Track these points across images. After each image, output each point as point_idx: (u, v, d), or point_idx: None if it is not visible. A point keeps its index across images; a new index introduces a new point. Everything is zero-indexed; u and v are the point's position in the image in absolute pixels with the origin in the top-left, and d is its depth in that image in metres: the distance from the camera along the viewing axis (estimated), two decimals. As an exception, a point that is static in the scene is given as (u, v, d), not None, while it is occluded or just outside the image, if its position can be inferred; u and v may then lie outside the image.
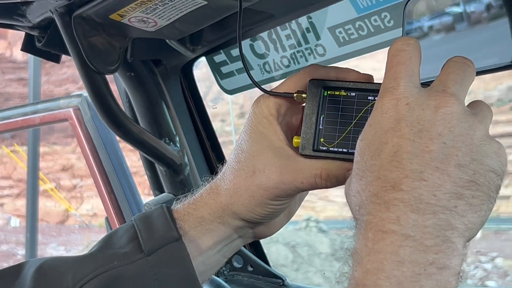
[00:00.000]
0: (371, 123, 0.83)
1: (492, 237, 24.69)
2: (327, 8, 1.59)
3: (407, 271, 0.74)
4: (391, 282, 0.74)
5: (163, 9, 1.42)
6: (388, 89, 0.83)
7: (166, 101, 1.82)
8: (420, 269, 0.74)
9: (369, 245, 0.77)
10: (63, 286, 0.99)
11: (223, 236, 1.03)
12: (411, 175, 0.77)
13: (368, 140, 0.83)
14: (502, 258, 20.93)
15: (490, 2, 1.13)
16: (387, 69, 0.85)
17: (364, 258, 0.77)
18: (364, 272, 0.76)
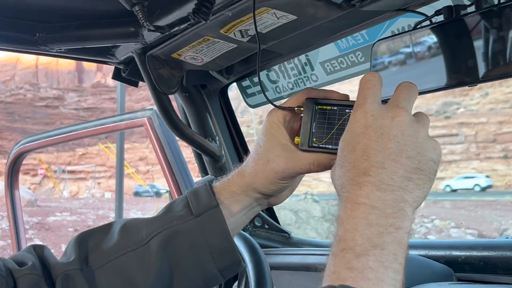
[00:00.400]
0: (348, 129, 0.85)
1: (432, 205, 24.61)
2: (319, 48, 1.59)
3: (374, 230, 0.75)
4: (363, 238, 0.75)
5: (207, 50, 1.42)
6: (359, 105, 0.85)
7: (209, 112, 1.82)
8: (383, 229, 0.75)
9: (348, 212, 0.78)
10: (139, 238, 1.00)
11: (247, 204, 1.03)
12: (376, 165, 0.79)
13: (346, 141, 0.84)
14: (439, 220, 20.89)
15: (430, 45, 1.12)
16: (359, 92, 0.87)
17: (344, 221, 0.78)
18: (344, 230, 0.77)
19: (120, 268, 0.98)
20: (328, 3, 1.15)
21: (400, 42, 1.16)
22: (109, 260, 0.99)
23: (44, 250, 1.02)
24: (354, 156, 0.82)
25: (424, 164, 0.81)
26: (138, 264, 0.98)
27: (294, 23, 1.22)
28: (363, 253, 0.73)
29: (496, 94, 57.53)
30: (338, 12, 1.18)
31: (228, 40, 1.34)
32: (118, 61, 1.66)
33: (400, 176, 0.79)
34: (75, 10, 1.44)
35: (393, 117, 0.82)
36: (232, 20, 1.24)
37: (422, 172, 0.80)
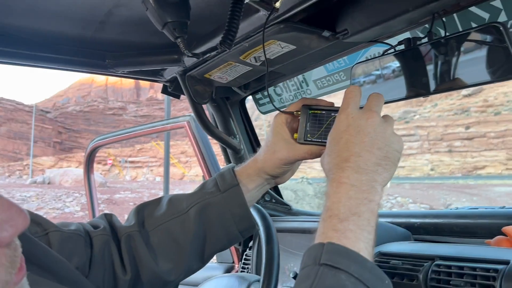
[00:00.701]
0: (334, 127, 0.85)
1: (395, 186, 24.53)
2: (312, 70, 1.59)
3: (353, 202, 0.76)
4: (345, 207, 0.75)
5: (230, 72, 1.42)
6: (343, 110, 0.85)
7: (232, 117, 1.82)
8: (359, 201, 0.76)
9: (334, 189, 0.78)
10: (181, 208, 1.00)
11: (259, 183, 1.03)
12: (354, 154, 0.79)
13: (333, 136, 0.84)
14: (400, 197, 20.81)
15: (394, 67, 1.11)
16: (344, 100, 0.87)
17: (331, 196, 0.78)
18: (331, 202, 0.77)
19: (167, 230, 0.98)
20: (319, 37, 1.14)
21: (372, 65, 1.16)
22: (159, 224, 0.99)
23: (112, 217, 1.02)
24: (338, 148, 0.82)
25: (391, 153, 0.81)
26: (180, 227, 0.98)
27: (294, 51, 1.22)
28: (345, 219, 0.74)
29: (443, 105, 57.54)
30: (327, 43, 1.18)
31: (245, 64, 1.34)
32: (166, 80, 1.66)
33: (372, 163, 0.79)
34: (134, 43, 1.44)
35: (367, 119, 0.82)
36: (248, 49, 1.24)
37: (389, 159, 0.81)
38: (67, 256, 0.83)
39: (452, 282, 0.96)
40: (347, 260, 0.69)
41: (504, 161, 44.20)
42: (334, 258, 0.69)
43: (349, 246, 0.72)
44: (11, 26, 1.30)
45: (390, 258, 1.11)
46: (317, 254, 0.70)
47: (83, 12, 1.23)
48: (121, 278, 0.94)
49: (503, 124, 47.09)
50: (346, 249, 0.70)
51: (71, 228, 0.94)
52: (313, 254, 0.71)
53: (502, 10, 1.13)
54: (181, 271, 1.00)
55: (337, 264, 0.68)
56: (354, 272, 0.68)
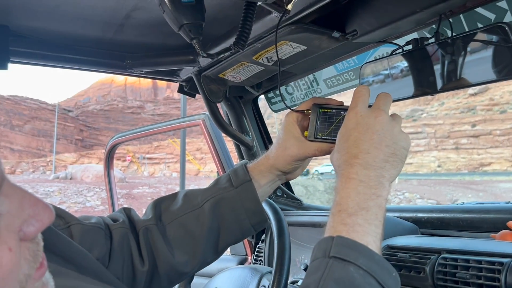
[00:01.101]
0: (344, 125, 0.84)
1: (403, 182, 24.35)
2: (323, 70, 1.58)
3: (361, 197, 0.75)
4: (353, 202, 0.75)
5: (243, 72, 1.42)
6: (352, 108, 0.84)
7: (245, 115, 1.81)
8: (368, 196, 0.75)
9: (343, 185, 0.78)
10: (196, 202, 1.00)
11: (271, 179, 1.02)
12: (363, 151, 0.79)
13: (342, 133, 0.83)
14: (408, 193, 20.69)
15: (402, 67, 1.11)
16: (353, 99, 0.87)
17: (340, 191, 0.78)
18: (340, 197, 0.77)
19: (183, 224, 0.98)
20: (329, 37, 1.14)
21: (380, 65, 1.15)
22: (175, 218, 0.99)
23: (131, 211, 1.03)
24: (348, 145, 0.81)
25: (398, 151, 0.80)
26: (195, 221, 0.98)
27: (305, 51, 1.21)
28: (354, 213, 0.74)
29: (450, 103, 57.01)
30: (337, 43, 1.17)
31: (258, 64, 1.34)
32: (182, 80, 1.67)
33: (380, 159, 0.78)
34: (152, 44, 1.45)
35: (376, 117, 0.81)
36: (261, 50, 1.24)
37: (396, 156, 0.80)
38: (88, 248, 0.84)
39: (458, 274, 0.95)
40: (355, 253, 0.69)
41: (509, 158, 43.78)
42: (343, 251, 0.69)
43: (357, 239, 0.71)
44: (37, 29, 1.31)
45: (398, 251, 1.11)
46: (327, 247, 0.70)
47: (104, 15, 1.24)
48: (139, 269, 0.94)
49: (508, 122, 46.66)
50: (354, 242, 0.70)
51: (92, 221, 0.94)
52: (323, 247, 0.71)
53: (507, 11, 1.12)
54: (196, 263, 1.00)
55: (346, 256, 0.68)
56: (363, 264, 0.68)
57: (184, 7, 0.86)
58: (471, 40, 0.96)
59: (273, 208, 1.23)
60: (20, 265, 0.52)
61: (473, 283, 0.93)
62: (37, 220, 0.53)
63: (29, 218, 0.53)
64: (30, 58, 1.40)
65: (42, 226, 0.54)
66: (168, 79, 1.68)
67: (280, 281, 1.14)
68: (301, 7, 1.03)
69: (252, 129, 1.83)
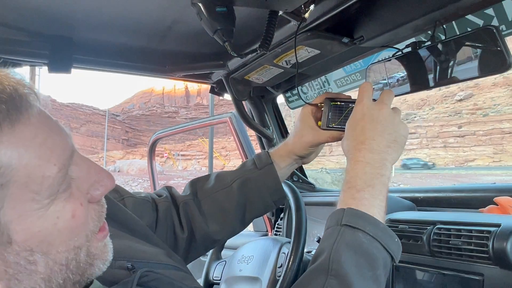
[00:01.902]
0: (352, 116, 0.84)
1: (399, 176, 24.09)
2: (333, 71, 1.57)
3: (368, 176, 0.76)
4: (361, 180, 0.76)
5: (265, 74, 1.42)
6: (359, 102, 0.85)
7: (266, 112, 1.81)
8: (373, 175, 0.76)
9: (352, 166, 0.78)
10: (226, 182, 1.00)
11: (289, 163, 1.02)
12: (369, 138, 0.79)
13: (351, 123, 0.84)
14: (403, 184, 20.51)
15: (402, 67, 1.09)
16: (359, 94, 0.87)
17: (349, 171, 0.78)
18: (350, 177, 0.77)
19: (215, 200, 0.99)
20: (339, 42, 1.13)
21: (383, 66, 1.14)
22: (209, 194, 1.00)
23: (172, 188, 1.04)
24: (356, 133, 0.81)
25: (399, 138, 0.80)
26: (225, 197, 0.99)
27: (318, 55, 1.21)
28: (361, 189, 0.74)
29: (439, 108, 56.45)
30: (345, 48, 1.16)
31: (278, 67, 1.34)
32: (213, 82, 1.67)
33: (383, 145, 0.78)
34: (189, 52, 1.46)
35: (379, 109, 0.81)
36: (281, 54, 1.24)
37: (397, 143, 0.80)
38: (139, 217, 0.85)
39: (451, 242, 0.94)
40: (363, 222, 0.70)
41: (491, 155, 43.25)
42: (353, 220, 0.70)
43: (365, 211, 0.72)
44: (94, 39, 1.34)
45: (398, 224, 1.10)
46: (339, 217, 0.71)
47: (149, 28, 1.26)
48: (180, 236, 0.95)
49: (490, 124, 46.04)
50: (362, 213, 0.71)
51: (142, 195, 0.96)
52: (335, 217, 0.72)
53: (494, 17, 1.10)
54: (226, 232, 1.01)
55: (355, 224, 0.69)
56: (369, 231, 0.69)
57: (218, 15, 0.86)
58: (463, 42, 0.95)
59: (291, 188, 1.23)
60: (88, 222, 0.53)
61: (464, 248, 0.92)
62: (101, 185, 0.55)
63: (95, 183, 0.54)
64: (88, 64, 1.43)
65: (106, 190, 0.56)
66: (202, 81, 1.68)
67: (297, 249, 1.14)
68: (315, 16, 1.03)
69: (272, 124, 1.83)
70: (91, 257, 0.53)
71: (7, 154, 0.43)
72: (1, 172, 0.43)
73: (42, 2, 1.09)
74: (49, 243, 0.47)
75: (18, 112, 0.45)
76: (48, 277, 0.48)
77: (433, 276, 1.00)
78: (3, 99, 0.44)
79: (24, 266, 0.46)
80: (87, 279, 0.54)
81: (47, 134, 0.47)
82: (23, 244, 0.45)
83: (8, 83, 0.46)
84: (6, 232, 0.44)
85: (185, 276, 0.72)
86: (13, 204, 0.44)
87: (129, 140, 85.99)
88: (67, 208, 0.49)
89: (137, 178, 23.89)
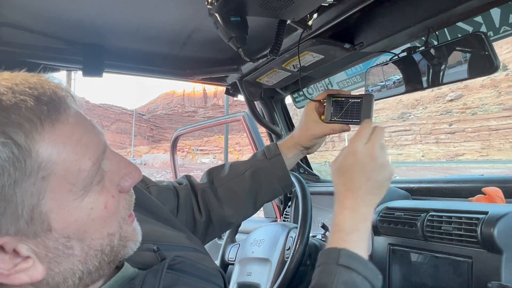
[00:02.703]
0: (343, 159, 0.78)
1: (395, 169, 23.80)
2: (336, 74, 1.55)
3: (355, 221, 0.73)
4: (348, 224, 0.73)
5: (274, 77, 1.41)
6: (352, 143, 0.79)
7: (276, 111, 1.80)
8: (358, 220, 0.73)
9: (340, 211, 0.74)
10: (239, 171, 1.00)
11: (295, 153, 1.01)
12: (356, 187, 0.75)
13: (340, 167, 0.78)
14: (398, 177, 20.19)
15: (398, 70, 1.08)
16: (356, 134, 0.80)
17: (338, 215, 0.74)
18: (338, 220, 0.74)
19: (230, 187, 0.99)
20: (341, 48, 1.12)
21: (381, 69, 1.13)
22: (224, 182, 0.99)
23: (191, 177, 1.04)
24: (343, 179, 0.76)
25: (382, 183, 0.75)
26: (239, 185, 0.98)
27: (322, 60, 1.19)
28: (350, 233, 0.71)
29: (432, 108, 55.78)
30: (347, 53, 1.15)
31: (286, 71, 1.33)
32: (228, 84, 1.67)
33: (368, 193, 0.74)
34: (206, 58, 1.46)
35: (370, 157, 0.75)
36: (289, 59, 1.23)
37: (380, 188, 0.75)
38: (162, 203, 0.86)
39: (443, 227, 0.93)
40: (357, 263, 0.68)
41: (479, 150, 42.73)
42: (348, 261, 0.68)
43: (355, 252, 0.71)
44: (123, 46, 1.34)
45: (394, 211, 1.09)
46: (335, 256, 0.69)
47: (171, 36, 1.26)
48: (198, 220, 0.95)
49: (478, 122, 45.46)
50: (356, 255, 0.69)
51: (164, 184, 0.96)
52: (331, 255, 0.70)
53: (482, 24, 1.08)
54: (240, 215, 1.01)
55: (350, 265, 0.68)
56: (362, 272, 0.68)
57: (232, 24, 0.86)
58: (454, 46, 0.93)
59: (298, 178, 1.23)
60: (119, 210, 0.54)
61: (455, 234, 0.91)
62: (130, 177, 0.55)
63: (125, 175, 0.55)
64: (118, 69, 1.44)
65: (134, 181, 0.56)
66: (218, 84, 1.68)
67: (304, 234, 1.13)
68: (320, 24, 1.02)
69: (280, 121, 1.82)
70: (123, 240, 0.54)
71: (48, 150, 0.44)
72: (43, 166, 0.44)
73: (77, 15, 1.10)
74: (85, 231, 0.48)
75: (57, 113, 0.46)
76: (84, 260, 0.49)
77: (426, 258, 0.99)
78: (44, 101, 0.45)
79: (63, 250, 0.47)
80: (121, 258, 0.55)
81: (82, 132, 0.48)
82: (61, 232, 0.46)
83: (48, 86, 0.47)
84: (46, 220, 0.45)
85: (204, 257, 0.72)
86: (53, 195, 0.45)
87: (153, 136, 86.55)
88: (100, 200, 0.49)
89: (161, 170, 24.05)
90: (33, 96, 0.44)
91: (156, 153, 50.39)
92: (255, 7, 0.83)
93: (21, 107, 0.43)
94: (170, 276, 0.58)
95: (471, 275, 0.87)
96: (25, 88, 0.45)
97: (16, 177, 0.42)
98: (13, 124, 0.42)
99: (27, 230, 0.44)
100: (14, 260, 0.45)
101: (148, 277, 0.56)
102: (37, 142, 0.43)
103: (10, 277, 0.45)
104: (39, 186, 0.44)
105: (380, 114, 61.25)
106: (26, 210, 0.43)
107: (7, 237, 0.43)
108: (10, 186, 0.42)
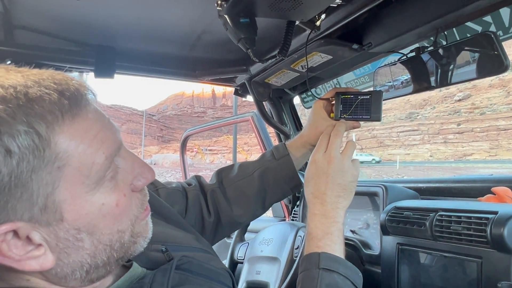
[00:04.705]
0: (307, 170, 0.85)
1: (403, 168, 23.53)
2: (344, 74, 1.54)
3: (325, 225, 0.77)
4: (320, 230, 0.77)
5: (283, 77, 1.41)
6: (313, 155, 0.85)
7: (284, 111, 1.79)
8: (330, 223, 0.77)
9: (311, 218, 0.79)
10: (248, 171, 0.99)
11: (304, 152, 1.00)
12: (321, 193, 0.80)
13: (306, 178, 0.86)
14: (406, 176, 19.95)
15: (406, 70, 1.07)
16: (317, 145, 0.87)
17: (309, 223, 0.79)
18: (310, 228, 0.78)
19: (239, 187, 0.98)
20: (350, 49, 1.11)
21: (389, 69, 1.12)
22: (233, 183, 0.99)
23: (200, 178, 1.04)
24: (310, 188, 0.81)
25: (347, 186, 0.79)
26: (248, 185, 0.98)
27: (331, 60, 1.19)
28: (322, 238, 0.75)
29: (440, 108, 55.32)
30: (355, 54, 1.14)
31: (294, 71, 1.32)
32: (237, 85, 1.67)
33: (334, 196, 0.78)
34: (215, 59, 1.46)
35: (328, 163, 0.80)
36: (297, 60, 1.22)
37: (346, 190, 0.79)
38: (171, 205, 0.86)
39: (452, 227, 0.92)
40: (337, 264, 0.72)
41: (487, 150, 42.25)
42: (328, 263, 0.71)
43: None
44: (134, 48, 1.35)
45: (403, 211, 1.08)
46: (315, 261, 0.72)
47: (181, 38, 1.26)
48: (207, 220, 0.95)
49: (487, 122, 44.94)
50: (335, 257, 0.73)
51: (173, 185, 0.96)
52: (311, 261, 0.73)
53: (492, 24, 1.07)
54: (248, 215, 1.00)
55: (331, 267, 0.71)
56: (342, 272, 0.71)
57: (242, 25, 0.86)
58: (462, 46, 0.92)
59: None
60: (132, 208, 0.54)
61: (464, 233, 0.89)
62: (143, 177, 0.56)
63: (138, 175, 0.55)
64: (129, 70, 1.45)
65: (147, 181, 0.57)
66: (227, 84, 1.68)
67: (312, 233, 1.13)
68: (328, 25, 1.02)
69: (289, 122, 1.81)
70: (134, 236, 0.54)
71: (66, 142, 0.45)
72: (60, 156, 0.45)
73: (89, 17, 1.11)
74: (95, 225, 0.49)
75: (78, 108, 0.47)
76: (93, 254, 0.50)
77: (435, 258, 0.98)
78: (67, 96, 0.46)
79: (73, 242, 0.48)
80: (130, 255, 0.55)
81: (100, 128, 0.49)
82: (72, 223, 0.47)
83: (72, 83, 0.49)
84: (59, 210, 0.46)
85: (212, 258, 0.72)
86: (67, 185, 0.46)
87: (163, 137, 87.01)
88: (112, 197, 0.50)
89: (171, 170, 24.19)
90: (57, 90, 0.46)
91: (166, 153, 50.68)
92: (264, 8, 0.83)
93: (45, 99, 0.44)
94: (178, 275, 0.59)
95: (481, 275, 0.86)
96: (51, 83, 0.46)
97: (34, 164, 0.43)
98: (37, 115, 0.43)
99: (40, 218, 0.45)
100: (27, 247, 0.46)
101: (157, 276, 0.56)
102: (57, 134, 0.45)
103: (21, 263, 0.46)
104: (55, 175, 0.45)
105: (388, 114, 60.79)
106: (41, 198, 0.44)
107: (21, 222, 0.44)
108: (28, 173, 0.43)
